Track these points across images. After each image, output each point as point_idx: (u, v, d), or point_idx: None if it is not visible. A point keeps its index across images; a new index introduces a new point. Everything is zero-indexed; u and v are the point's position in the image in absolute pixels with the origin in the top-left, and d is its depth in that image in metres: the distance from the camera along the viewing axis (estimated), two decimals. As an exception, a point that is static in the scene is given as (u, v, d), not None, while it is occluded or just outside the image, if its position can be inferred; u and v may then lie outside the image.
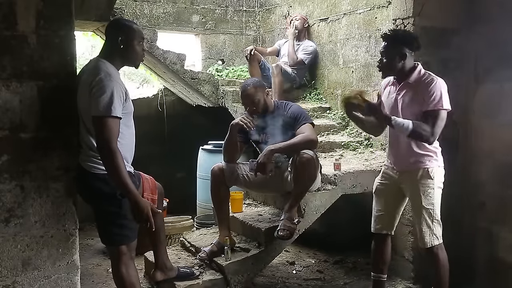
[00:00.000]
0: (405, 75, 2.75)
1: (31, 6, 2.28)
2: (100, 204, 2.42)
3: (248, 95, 3.26)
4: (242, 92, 3.33)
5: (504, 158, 3.21)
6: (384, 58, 2.75)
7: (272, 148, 3.12)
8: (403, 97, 2.77)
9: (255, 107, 3.27)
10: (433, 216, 2.74)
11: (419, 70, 2.75)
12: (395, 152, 2.88)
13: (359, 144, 4.27)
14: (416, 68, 2.75)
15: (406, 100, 2.76)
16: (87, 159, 2.35)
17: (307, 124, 3.24)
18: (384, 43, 2.76)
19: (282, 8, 5.64)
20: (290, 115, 3.29)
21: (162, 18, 5.49)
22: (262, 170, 3.09)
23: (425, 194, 2.73)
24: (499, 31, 3.20)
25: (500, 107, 3.21)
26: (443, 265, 2.78)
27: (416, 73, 2.74)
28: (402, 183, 2.85)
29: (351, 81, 4.60)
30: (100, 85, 2.23)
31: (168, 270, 2.96)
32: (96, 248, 4.37)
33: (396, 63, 2.72)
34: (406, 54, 2.71)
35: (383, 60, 2.76)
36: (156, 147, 5.52)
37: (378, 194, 2.99)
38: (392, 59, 2.72)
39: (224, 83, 5.17)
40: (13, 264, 2.30)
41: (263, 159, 3.09)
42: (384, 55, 2.75)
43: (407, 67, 2.74)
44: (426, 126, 2.63)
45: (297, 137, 3.17)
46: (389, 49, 2.73)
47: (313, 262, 4.07)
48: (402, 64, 2.72)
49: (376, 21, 4.26)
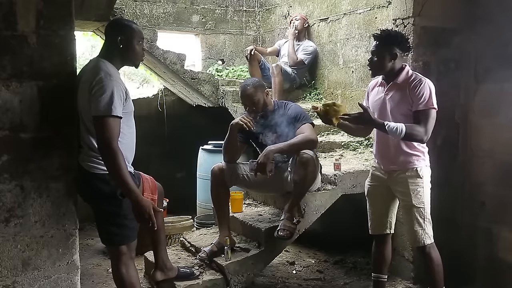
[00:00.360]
0: (394, 75, 2.76)
1: (31, 6, 2.28)
2: (100, 204, 2.42)
3: (248, 95, 3.26)
4: (242, 92, 3.33)
5: (504, 158, 3.21)
6: (375, 57, 2.76)
7: (272, 149, 3.12)
8: (392, 97, 2.78)
9: (255, 107, 3.27)
10: (424, 215, 2.74)
11: (407, 71, 2.76)
12: (383, 152, 2.87)
13: (359, 144, 4.27)
14: (404, 69, 2.77)
15: (395, 100, 2.76)
16: (87, 159, 2.35)
17: (307, 124, 3.24)
18: (375, 42, 2.77)
19: (282, 8, 5.64)
20: (290, 115, 3.29)
21: (162, 18, 5.49)
22: (262, 170, 3.09)
23: (415, 193, 2.74)
24: (499, 31, 3.20)
25: (500, 107, 3.21)
26: (437, 264, 2.78)
27: (404, 73, 2.75)
28: (391, 183, 2.85)
29: (351, 81, 4.60)
30: (100, 85, 2.23)
31: (168, 270, 2.96)
32: (96, 248, 4.37)
33: (387, 62, 2.73)
34: (396, 54, 2.72)
35: (373, 59, 2.77)
36: (156, 147, 5.53)
37: (369, 196, 3.00)
38: (383, 58, 2.73)
39: (224, 83, 5.17)
40: (13, 264, 2.30)
41: (263, 159, 3.08)
42: (374, 54, 2.76)
43: (396, 67, 2.75)
44: (418, 127, 2.64)
45: (297, 137, 3.17)
46: (380, 48, 2.74)
47: (313, 262, 4.07)
48: (392, 64, 2.73)
49: (376, 21, 4.26)
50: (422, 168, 2.76)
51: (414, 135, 2.63)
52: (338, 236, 4.24)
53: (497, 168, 3.25)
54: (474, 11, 3.34)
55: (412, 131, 2.62)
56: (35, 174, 2.33)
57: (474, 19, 3.34)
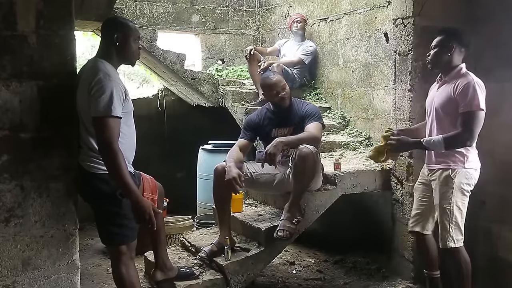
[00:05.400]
0: (448, 71, 2.75)
1: (31, 6, 2.28)
2: (100, 204, 2.42)
3: (277, 81, 3.32)
4: (268, 81, 3.36)
5: (504, 158, 3.21)
6: (432, 50, 2.78)
7: (282, 140, 3.08)
8: (439, 94, 2.78)
9: (285, 92, 3.31)
10: (450, 217, 2.72)
11: (460, 69, 2.73)
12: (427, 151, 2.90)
13: (359, 144, 4.27)
14: (458, 66, 2.74)
15: (441, 98, 2.75)
16: (87, 159, 2.35)
17: (317, 123, 3.26)
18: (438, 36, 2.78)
19: (282, 8, 5.64)
20: (307, 111, 3.33)
21: (162, 18, 5.49)
22: (271, 160, 3.01)
23: (443, 194, 2.74)
24: (499, 31, 3.20)
25: (500, 107, 3.21)
26: (464, 268, 2.76)
27: (456, 71, 2.73)
28: (432, 181, 2.86)
29: (351, 81, 4.60)
30: (99, 86, 2.23)
31: (168, 270, 2.96)
32: (96, 248, 4.37)
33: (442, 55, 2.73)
34: (452, 47, 2.70)
35: (431, 52, 2.79)
36: (156, 147, 5.53)
37: (415, 193, 3.04)
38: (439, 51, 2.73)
39: (224, 83, 5.17)
40: (13, 264, 2.30)
41: (272, 150, 3.01)
42: (432, 47, 2.78)
43: (453, 63, 2.73)
44: (458, 132, 2.61)
45: (304, 132, 3.19)
46: (437, 41, 2.76)
47: (313, 262, 4.07)
48: (448, 57, 2.72)
49: (376, 21, 4.26)
50: (457, 170, 2.71)
51: (455, 142, 2.61)
52: (338, 236, 4.24)
53: (497, 167, 3.24)
54: (474, 11, 3.34)
55: (451, 138, 2.60)
56: (35, 174, 2.33)
57: (474, 19, 3.33)
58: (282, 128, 3.36)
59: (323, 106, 4.80)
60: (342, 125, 4.59)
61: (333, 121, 4.62)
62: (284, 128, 3.36)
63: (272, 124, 3.39)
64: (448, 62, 2.74)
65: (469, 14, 3.36)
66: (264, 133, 3.43)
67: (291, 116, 3.34)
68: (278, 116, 3.38)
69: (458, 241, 2.75)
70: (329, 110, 4.82)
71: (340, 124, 4.59)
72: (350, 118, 4.63)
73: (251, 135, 3.40)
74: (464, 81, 2.66)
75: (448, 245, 2.74)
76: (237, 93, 4.86)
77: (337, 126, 4.56)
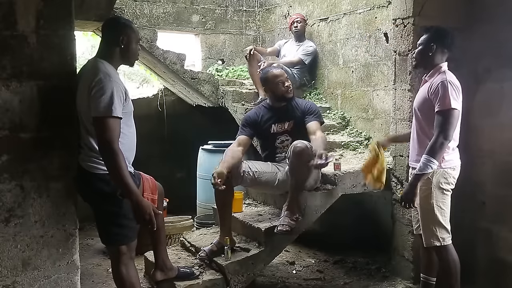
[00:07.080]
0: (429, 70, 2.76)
1: (31, 6, 2.28)
2: (100, 204, 2.41)
3: (281, 73, 3.42)
4: (271, 74, 3.44)
5: (504, 158, 3.21)
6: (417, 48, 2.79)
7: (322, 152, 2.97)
8: (418, 94, 2.78)
9: (290, 83, 3.40)
10: (431, 217, 2.71)
11: (439, 68, 2.72)
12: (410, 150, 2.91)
13: (359, 144, 4.27)
14: (438, 66, 2.73)
15: (419, 97, 2.76)
16: (87, 159, 2.35)
17: (319, 122, 3.32)
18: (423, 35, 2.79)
19: (282, 8, 5.64)
20: (307, 107, 3.37)
21: (162, 18, 5.49)
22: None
23: (424, 194, 2.72)
24: (499, 31, 3.20)
25: (500, 107, 3.21)
26: (452, 266, 2.73)
27: (434, 70, 2.72)
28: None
29: (351, 81, 4.60)
30: (100, 86, 2.22)
31: (168, 270, 2.96)
32: (96, 248, 4.37)
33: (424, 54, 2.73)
34: (433, 47, 2.70)
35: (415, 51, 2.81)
36: (156, 147, 5.53)
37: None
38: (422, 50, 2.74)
39: (224, 83, 5.17)
40: (13, 264, 2.30)
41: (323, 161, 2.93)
42: (418, 46, 2.79)
43: (435, 62, 2.73)
44: (434, 138, 2.58)
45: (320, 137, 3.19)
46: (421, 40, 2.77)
47: (313, 262, 4.07)
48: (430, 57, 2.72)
49: (376, 21, 4.26)
50: (435, 170, 2.66)
51: (436, 148, 2.57)
52: (338, 236, 4.24)
53: (497, 168, 3.24)
54: (474, 11, 3.34)
55: (432, 148, 2.58)
56: (35, 174, 2.32)
57: (474, 19, 3.34)
58: (282, 123, 3.40)
59: (323, 106, 4.80)
60: (342, 125, 4.59)
61: (333, 121, 4.62)
62: (283, 123, 3.40)
63: (271, 120, 3.42)
64: (430, 62, 2.74)
65: (469, 14, 3.36)
66: (262, 130, 3.44)
67: (291, 110, 3.38)
68: (277, 112, 3.41)
69: (444, 239, 2.73)
70: (329, 110, 4.82)
71: (340, 124, 4.59)
72: (350, 118, 4.63)
73: (250, 131, 3.41)
74: (438, 80, 2.65)
75: (433, 243, 2.73)
76: (237, 93, 4.86)
77: (337, 126, 4.56)
